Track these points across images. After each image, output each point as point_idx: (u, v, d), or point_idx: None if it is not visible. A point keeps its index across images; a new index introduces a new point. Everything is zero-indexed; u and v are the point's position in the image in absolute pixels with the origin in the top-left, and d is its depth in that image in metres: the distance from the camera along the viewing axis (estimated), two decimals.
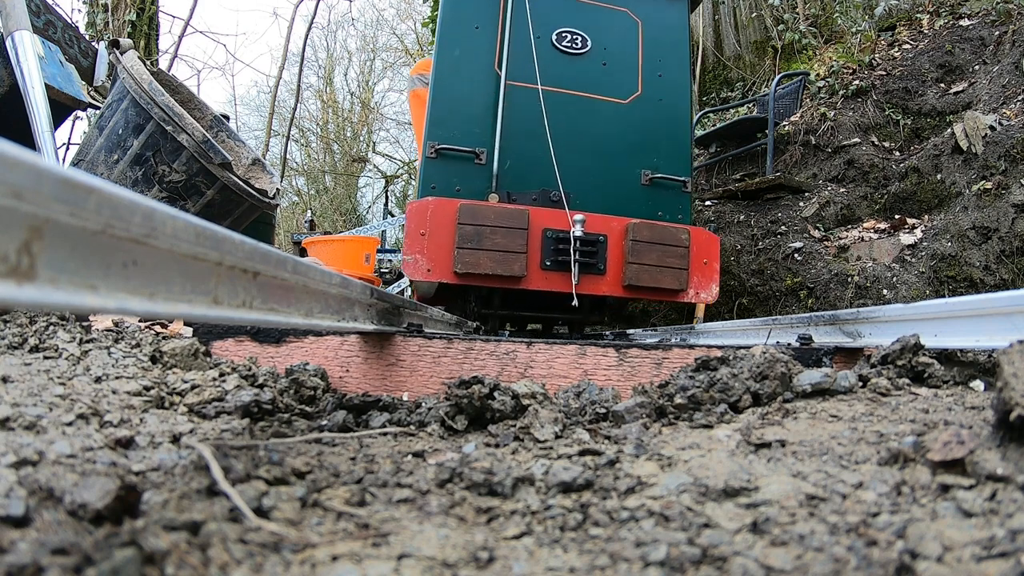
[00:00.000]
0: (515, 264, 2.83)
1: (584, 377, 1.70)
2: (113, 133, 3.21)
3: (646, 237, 2.99)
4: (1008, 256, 3.70)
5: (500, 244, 2.82)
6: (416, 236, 2.83)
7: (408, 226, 2.87)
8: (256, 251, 0.74)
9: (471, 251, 2.79)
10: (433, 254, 2.83)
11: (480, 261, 2.79)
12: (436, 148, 3.11)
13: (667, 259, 3.01)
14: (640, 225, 3.01)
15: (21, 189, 0.41)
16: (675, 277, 3.02)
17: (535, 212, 2.94)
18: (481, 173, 3.15)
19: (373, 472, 0.84)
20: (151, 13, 7.28)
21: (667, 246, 3.02)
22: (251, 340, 1.67)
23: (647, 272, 2.97)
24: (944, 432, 0.73)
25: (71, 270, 0.46)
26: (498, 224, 2.83)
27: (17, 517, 0.61)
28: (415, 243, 2.83)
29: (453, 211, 2.83)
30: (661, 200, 3.35)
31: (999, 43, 4.96)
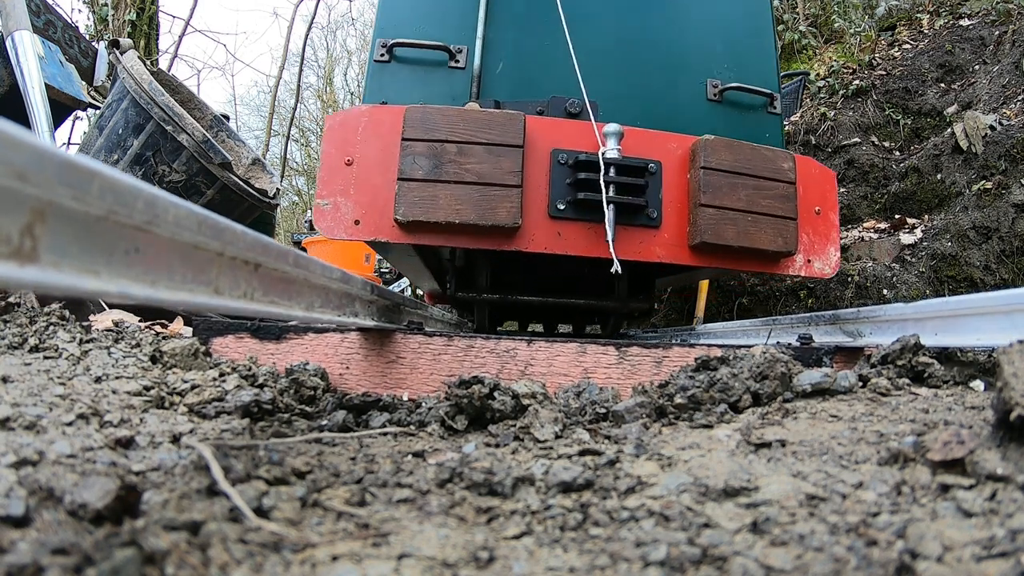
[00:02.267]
0: (502, 206, 1.78)
1: (584, 375, 1.70)
2: (113, 133, 3.21)
3: (728, 164, 1.92)
4: (1008, 256, 3.69)
5: (475, 172, 1.78)
6: (338, 167, 1.83)
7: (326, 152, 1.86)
8: (258, 243, 0.74)
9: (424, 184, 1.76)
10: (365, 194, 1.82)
11: (439, 201, 1.76)
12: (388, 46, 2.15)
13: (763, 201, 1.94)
14: (716, 144, 1.93)
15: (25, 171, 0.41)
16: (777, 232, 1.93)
17: (538, 123, 1.93)
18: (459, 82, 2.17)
19: (373, 472, 0.84)
20: (151, 13, 7.28)
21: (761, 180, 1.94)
22: (251, 337, 1.67)
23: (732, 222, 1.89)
24: (944, 432, 0.73)
25: (74, 254, 0.46)
26: (472, 139, 1.79)
27: (17, 517, 0.61)
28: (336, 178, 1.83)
29: (398, 123, 1.83)
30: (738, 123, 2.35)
31: (999, 43, 4.96)
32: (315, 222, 1.83)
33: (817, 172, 2.12)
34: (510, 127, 1.83)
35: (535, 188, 1.90)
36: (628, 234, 1.93)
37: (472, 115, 1.83)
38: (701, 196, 1.89)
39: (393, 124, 1.84)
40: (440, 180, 1.78)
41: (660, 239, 1.96)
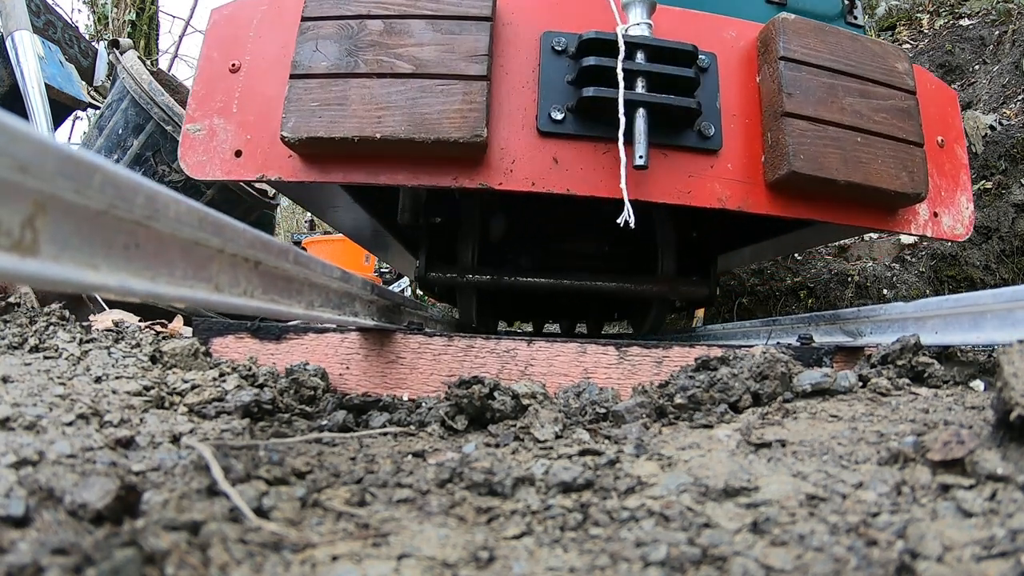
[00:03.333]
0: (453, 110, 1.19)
1: (584, 375, 1.70)
2: (113, 133, 3.21)
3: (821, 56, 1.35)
4: (1008, 256, 3.69)
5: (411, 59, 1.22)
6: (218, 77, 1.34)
7: (204, 56, 1.37)
8: (258, 240, 0.74)
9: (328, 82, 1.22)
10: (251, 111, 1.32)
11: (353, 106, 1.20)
12: None
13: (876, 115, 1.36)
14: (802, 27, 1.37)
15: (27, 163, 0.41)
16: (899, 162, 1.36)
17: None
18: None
19: (373, 472, 0.84)
20: (151, 13, 7.28)
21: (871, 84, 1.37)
22: (251, 337, 1.67)
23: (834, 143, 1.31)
24: (944, 432, 0.73)
25: (74, 247, 0.46)
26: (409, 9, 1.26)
27: (17, 517, 0.61)
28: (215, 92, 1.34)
29: (300, 5, 1.32)
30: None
31: (999, 43, 4.96)
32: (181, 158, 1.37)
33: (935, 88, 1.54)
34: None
35: (515, 87, 1.30)
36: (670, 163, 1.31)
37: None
38: (784, 101, 1.28)
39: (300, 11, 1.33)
40: (355, 73, 1.21)
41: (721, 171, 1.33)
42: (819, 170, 1.29)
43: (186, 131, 1.34)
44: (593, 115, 1.30)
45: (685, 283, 1.80)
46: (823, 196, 1.39)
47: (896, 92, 1.41)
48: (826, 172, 1.29)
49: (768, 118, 1.35)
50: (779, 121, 1.31)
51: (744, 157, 1.37)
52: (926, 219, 1.51)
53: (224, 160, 1.33)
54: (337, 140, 1.20)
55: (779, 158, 1.31)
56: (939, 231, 1.50)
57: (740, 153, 1.37)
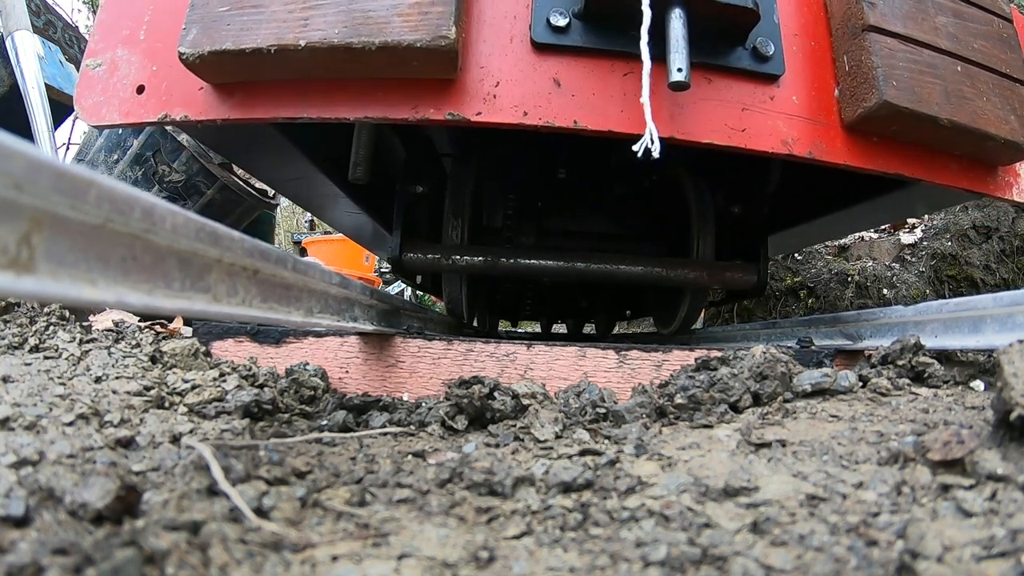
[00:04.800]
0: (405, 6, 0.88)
1: (584, 379, 1.70)
2: (113, 133, 3.21)
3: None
4: (1008, 256, 3.70)
5: None
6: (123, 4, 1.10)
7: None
8: (256, 248, 0.74)
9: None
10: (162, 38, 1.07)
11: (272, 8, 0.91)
12: None
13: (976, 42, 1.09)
14: None
15: (21, 180, 0.41)
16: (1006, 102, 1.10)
17: None
18: None
19: (373, 472, 0.84)
20: None
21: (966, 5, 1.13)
22: (251, 341, 1.67)
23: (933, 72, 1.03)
24: (944, 432, 0.73)
25: (71, 263, 0.46)
26: None
27: (17, 517, 0.61)
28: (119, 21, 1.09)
29: None
30: None
31: None
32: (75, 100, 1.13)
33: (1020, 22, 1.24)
34: None
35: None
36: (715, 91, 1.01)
37: None
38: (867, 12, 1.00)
39: None
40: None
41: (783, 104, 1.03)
42: (918, 103, 0.98)
43: (84, 67, 1.08)
44: (610, 20, 0.97)
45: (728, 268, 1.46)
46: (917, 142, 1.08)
47: (993, 17, 1.14)
48: (926, 107, 0.99)
49: (843, 36, 1.05)
50: (860, 38, 1.01)
51: (813, 88, 1.06)
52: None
53: (123, 99, 1.07)
54: (249, 53, 0.89)
55: (864, 86, 1.00)
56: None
57: (808, 82, 1.05)
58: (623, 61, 0.99)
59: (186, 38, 0.93)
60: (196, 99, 1.04)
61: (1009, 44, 1.13)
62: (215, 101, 1.02)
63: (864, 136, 1.07)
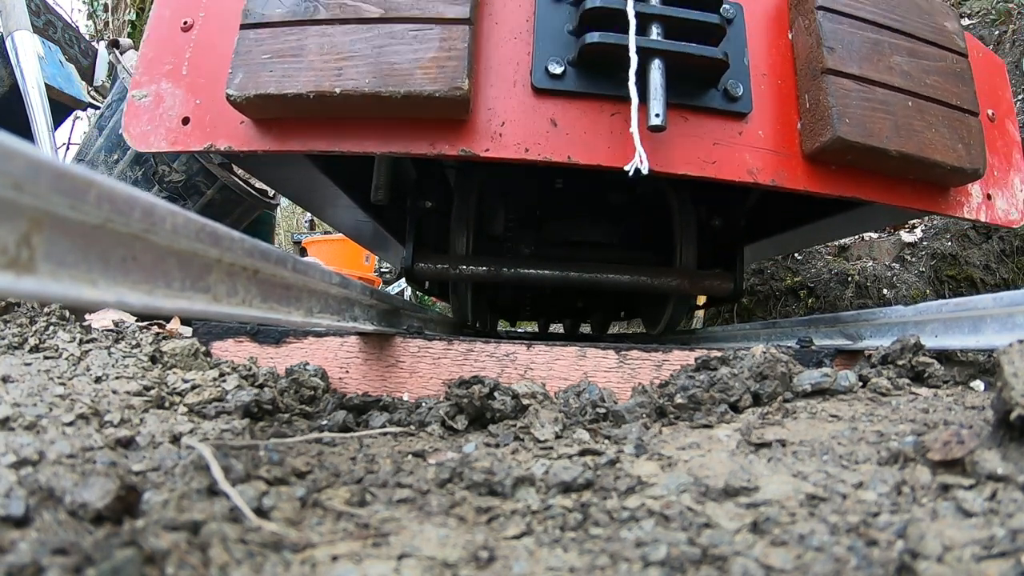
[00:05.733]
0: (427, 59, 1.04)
1: (584, 379, 1.70)
2: (113, 133, 3.21)
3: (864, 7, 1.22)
4: (1008, 256, 3.70)
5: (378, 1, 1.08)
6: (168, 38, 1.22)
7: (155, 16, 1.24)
8: (256, 248, 0.74)
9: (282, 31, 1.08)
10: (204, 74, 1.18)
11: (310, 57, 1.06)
12: None
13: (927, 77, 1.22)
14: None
15: (21, 180, 0.41)
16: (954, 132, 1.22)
17: None
18: None
19: (373, 472, 0.84)
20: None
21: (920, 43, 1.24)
22: (251, 341, 1.67)
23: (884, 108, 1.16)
24: (944, 432, 0.73)
25: (71, 263, 0.46)
26: None
27: (17, 517, 0.61)
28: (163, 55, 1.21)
29: None
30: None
31: (999, 43, 4.97)
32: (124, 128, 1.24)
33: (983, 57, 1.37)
34: None
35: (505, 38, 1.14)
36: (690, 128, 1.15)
37: None
38: (826, 57, 1.13)
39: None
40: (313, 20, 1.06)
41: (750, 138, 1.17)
42: (868, 137, 1.12)
43: (131, 98, 1.19)
44: (599, 68, 1.12)
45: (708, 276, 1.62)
46: (871, 170, 1.21)
47: (947, 53, 1.25)
48: (876, 140, 1.13)
49: (805, 77, 1.19)
50: (819, 80, 1.14)
51: (777, 123, 1.19)
52: (979, 201, 1.35)
53: (170, 129, 1.19)
54: (290, 97, 1.04)
55: (821, 122, 1.14)
56: (993, 216, 1.35)
57: (772, 118, 1.19)
58: (610, 103, 1.13)
59: (233, 81, 1.07)
60: (238, 132, 1.16)
61: (962, 78, 1.25)
62: (256, 134, 1.15)
63: (823, 165, 1.20)
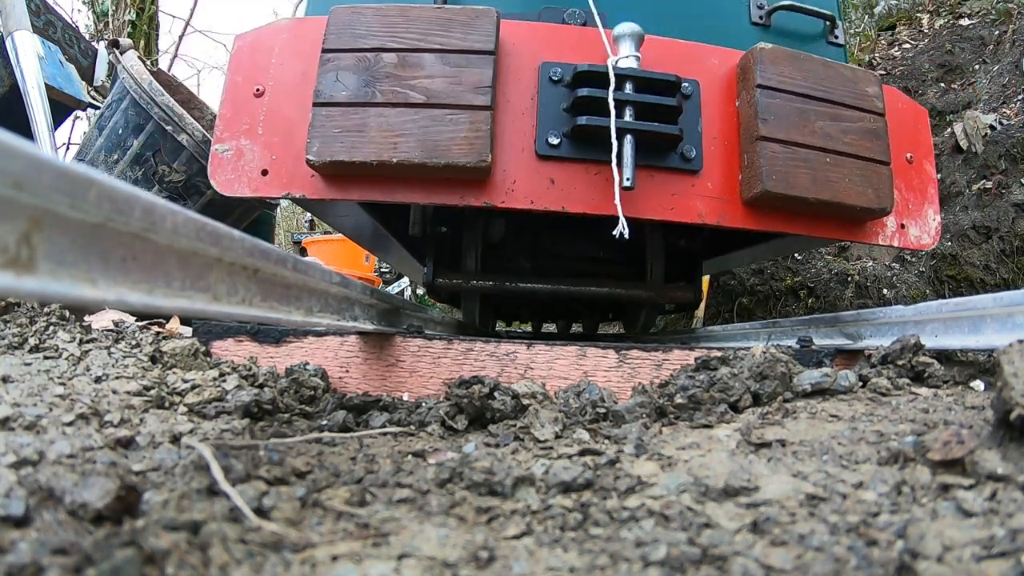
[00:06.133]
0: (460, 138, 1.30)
1: (584, 378, 1.70)
2: (113, 133, 3.21)
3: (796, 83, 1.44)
4: (1008, 256, 3.70)
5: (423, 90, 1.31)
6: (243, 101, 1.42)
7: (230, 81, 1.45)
8: (256, 248, 0.74)
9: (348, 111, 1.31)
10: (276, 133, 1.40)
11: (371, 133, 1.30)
12: None
13: (844, 137, 1.46)
14: (778, 55, 1.46)
15: (21, 179, 0.41)
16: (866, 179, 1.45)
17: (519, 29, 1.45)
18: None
19: (373, 472, 0.84)
20: (151, 13, 7.28)
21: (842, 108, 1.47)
22: (251, 340, 1.67)
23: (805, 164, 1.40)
24: (944, 432, 0.73)
25: (70, 262, 0.46)
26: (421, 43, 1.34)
27: (17, 517, 0.61)
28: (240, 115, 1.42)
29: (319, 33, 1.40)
30: None
31: (999, 43, 4.96)
32: (211, 175, 1.44)
33: (905, 107, 1.65)
34: (476, 27, 1.35)
35: (516, 115, 1.41)
36: (656, 183, 1.42)
37: (420, 12, 1.36)
38: (759, 126, 1.40)
39: (318, 40, 1.39)
40: (372, 103, 1.31)
41: (701, 189, 1.44)
42: (790, 189, 1.40)
43: (215, 151, 1.43)
44: (586, 141, 1.41)
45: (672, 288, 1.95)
46: (794, 211, 1.49)
47: (865, 114, 1.51)
48: (796, 191, 1.41)
49: (745, 141, 1.46)
50: (754, 144, 1.42)
51: (723, 176, 1.49)
52: (893, 230, 1.62)
53: (251, 179, 1.43)
54: (357, 163, 1.32)
55: (753, 178, 1.43)
56: (906, 241, 1.63)
57: (719, 173, 1.49)
58: (594, 165, 1.42)
59: (311, 149, 1.33)
60: (310, 184, 1.40)
61: (876, 134, 1.50)
62: (325, 186, 1.40)
63: (757, 208, 1.48)
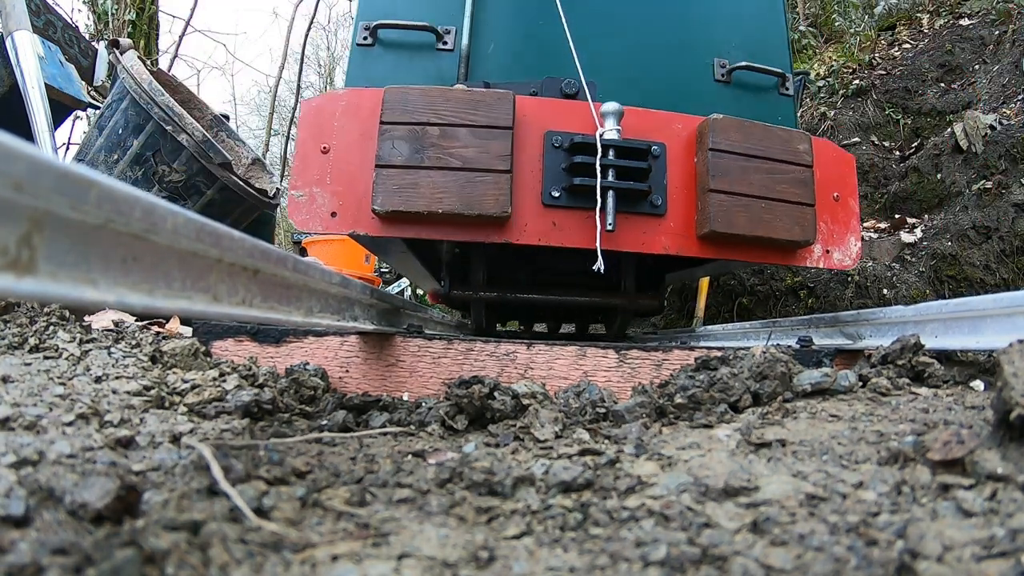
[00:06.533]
0: (489, 194, 1.68)
1: (584, 378, 1.70)
2: (113, 133, 3.21)
3: (739, 145, 1.83)
4: (1008, 256, 3.70)
5: (459, 157, 1.69)
6: (313, 155, 1.76)
7: (301, 139, 1.79)
8: (256, 248, 0.74)
9: (404, 172, 1.67)
10: (342, 184, 1.74)
11: (421, 189, 1.67)
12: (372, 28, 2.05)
13: (777, 186, 1.84)
14: (725, 124, 1.83)
15: (22, 181, 0.41)
16: (794, 219, 1.84)
17: (529, 104, 1.84)
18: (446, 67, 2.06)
19: (373, 472, 0.84)
20: (151, 13, 7.28)
21: (776, 163, 1.86)
22: (251, 340, 1.67)
23: (744, 209, 1.79)
24: (944, 432, 0.73)
25: (71, 264, 0.46)
26: (457, 120, 1.72)
27: (17, 517, 0.61)
28: (311, 167, 1.75)
29: (376, 106, 1.75)
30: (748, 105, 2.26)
31: (999, 43, 4.96)
32: (290, 214, 1.75)
33: (835, 155, 2.03)
34: (498, 107, 1.73)
35: (527, 174, 1.79)
36: (631, 223, 1.82)
37: (456, 95, 1.73)
38: (710, 181, 1.78)
39: (372, 108, 1.76)
40: (421, 166, 1.68)
41: (665, 228, 1.85)
42: (731, 228, 1.80)
43: (291, 195, 1.76)
44: (579, 194, 1.81)
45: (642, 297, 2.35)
46: (736, 244, 1.89)
47: (796, 167, 1.91)
48: (736, 230, 1.81)
49: (700, 191, 1.87)
50: (706, 195, 1.82)
51: (683, 218, 1.90)
52: (819, 255, 1.99)
53: (323, 219, 1.75)
54: (412, 212, 1.69)
55: (704, 220, 1.83)
56: (830, 263, 1.99)
57: (680, 215, 1.90)
58: (584, 211, 1.81)
59: (376, 200, 1.69)
60: (371, 224, 1.75)
61: (804, 182, 1.90)
62: (383, 226, 1.76)
63: (707, 242, 1.88)
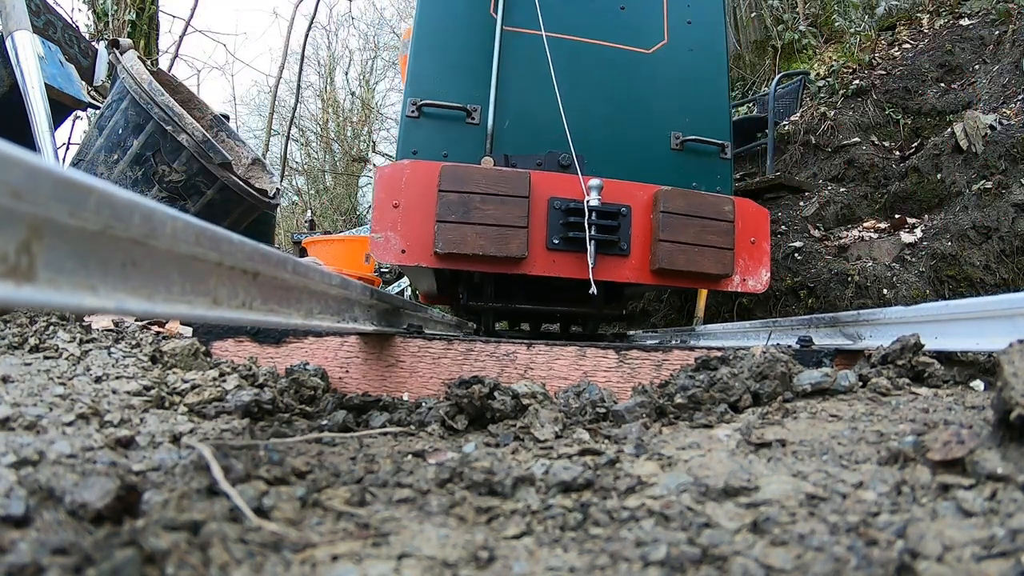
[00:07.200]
0: (513, 242, 2.40)
1: (584, 379, 1.70)
2: (113, 133, 3.21)
3: (681, 208, 2.56)
4: (1008, 256, 3.70)
5: (494, 216, 2.40)
6: (387, 209, 2.43)
7: (377, 196, 2.45)
8: (256, 251, 0.74)
9: (456, 226, 2.37)
10: (408, 230, 2.42)
11: (468, 238, 2.37)
12: (418, 105, 2.72)
13: (707, 236, 2.58)
14: (672, 193, 2.57)
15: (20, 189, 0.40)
16: (718, 259, 2.59)
17: (539, 177, 2.54)
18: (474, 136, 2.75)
19: (373, 472, 0.84)
20: (151, 13, 7.28)
21: (707, 220, 2.59)
22: (251, 341, 1.67)
23: (683, 253, 2.54)
24: (944, 432, 0.73)
25: (70, 270, 0.46)
26: (491, 191, 2.42)
27: (17, 517, 0.61)
28: (386, 217, 2.42)
29: (434, 176, 2.43)
30: (695, 168, 2.94)
31: (999, 43, 4.96)
32: (371, 250, 2.46)
33: (753, 210, 2.81)
34: (519, 182, 2.46)
35: (537, 227, 2.52)
36: (605, 262, 2.57)
37: (491, 173, 2.46)
38: (660, 233, 2.56)
39: (429, 175, 2.45)
40: (468, 222, 2.39)
41: (629, 265, 2.61)
42: (673, 265, 2.55)
43: (372, 237, 2.44)
44: (572, 242, 2.51)
45: (607, 307, 3.11)
46: (677, 276, 2.62)
47: (721, 222, 2.63)
48: (677, 267, 2.55)
49: (653, 240, 2.60)
50: (657, 243, 2.57)
51: (641, 258, 2.63)
52: (738, 282, 2.72)
53: (396, 254, 2.43)
54: (459, 254, 2.39)
55: (655, 260, 2.57)
56: (745, 288, 2.73)
57: (639, 256, 2.63)
58: (575, 253, 2.51)
59: (437, 245, 2.37)
60: (431, 259, 2.43)
61: (726, 232, 2.63)
62: (439, 261, 2.43)
63: (657, 274, 2.60)
